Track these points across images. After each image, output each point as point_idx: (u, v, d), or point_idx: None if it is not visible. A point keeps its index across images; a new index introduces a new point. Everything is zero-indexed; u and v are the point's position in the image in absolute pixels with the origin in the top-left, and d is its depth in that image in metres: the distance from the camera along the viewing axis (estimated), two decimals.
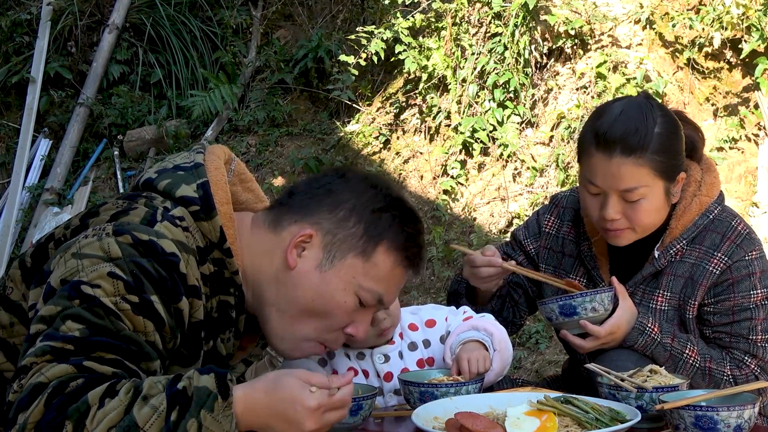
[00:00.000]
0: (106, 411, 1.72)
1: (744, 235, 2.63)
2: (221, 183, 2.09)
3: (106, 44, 7.02)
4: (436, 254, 5.84)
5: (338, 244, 2.06)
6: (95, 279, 1.85)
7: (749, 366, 2.61)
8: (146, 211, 1.98)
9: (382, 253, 2.07)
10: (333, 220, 2.07)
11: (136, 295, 1.86)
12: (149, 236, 1.91)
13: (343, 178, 2.13)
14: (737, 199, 5.78)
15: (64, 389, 1.74)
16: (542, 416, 1.99)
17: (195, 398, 1.76)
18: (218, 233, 2.03)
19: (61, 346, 1.79)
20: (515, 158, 6.15)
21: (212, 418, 1.76)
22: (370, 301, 2.09)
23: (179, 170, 2.08)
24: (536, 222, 2.89)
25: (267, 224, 2.12)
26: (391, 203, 2.11)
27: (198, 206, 2.03)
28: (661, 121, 2.55)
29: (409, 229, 2.11)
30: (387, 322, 2.41)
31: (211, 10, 7.23)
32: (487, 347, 2.40)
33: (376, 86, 6.75)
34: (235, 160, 2.24)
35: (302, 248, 2.07)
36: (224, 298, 2.07)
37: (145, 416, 1.73)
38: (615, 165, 2.50)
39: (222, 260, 2.05)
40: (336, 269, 2.06)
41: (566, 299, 2.51)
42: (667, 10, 6.30)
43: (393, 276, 2.10)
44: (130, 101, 6.88)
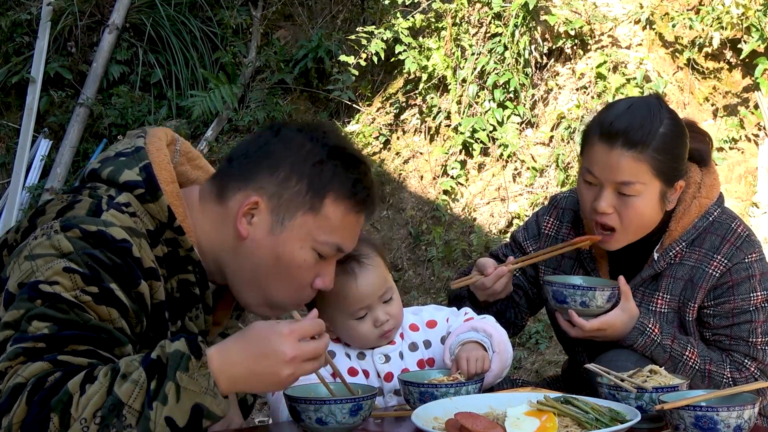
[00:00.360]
0: (89, 396, 1.74)
1: (744, 238, 2.63)
2: (164, 163, 2.08)
3: (106, 44, 7.02)
4: (436, 254, 5.84)
5: (285, 205, 2.06)
6: (52, 276, 1.85)
7: (749, 369, 2.61)
8: (91, 202, 1.99)
9: (331, 205, 2.06)
10: (275, 182, 2.06)
11: (94, 285, 1.87)
12: (97, 227, 1.92)
13: (278, 136, 2.11)
14: (737, 199, 5.78)
15: (44, 384, 1.75)
16: (542, 416, 1.99)
17: (170, 363, 1.80)
18: (166, 213, 2.03)
19: (33, 345, 1.79)
20: (515, 158, 6.15)
21: (188, 378, 1.79)
22: (329, 253, 2.09)
23: (121, 156, 2.08)
24: (535, 223, 2.89)
25: (214, 196, 2.12)
26: (330, 153, 2.09)
27: (143, 189, 2.03)
28: (668, 122, 2.55)
29: (353, 175, 2.09)
30: (389, 323, 2.41)
31: (211, 10, 7.22)
32: (486, 348, 2.40)
33: (376, 86, 6.74)
34: (180, 140, 2.23)
35: (251, 216, 2.06)
36: (183, 276, 2.07)
37: (126, 392, 1.75)
38: (615, 156, 2.51)
39: (175, 239, 2.05)
40: (288, 230, 2.06)
41: (559, 287, 2.54)
42: (667, 11, 6.30)
43: (346, 224, 2.09)
44: (130, 101, 6.88)
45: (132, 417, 1.75)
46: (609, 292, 2.54)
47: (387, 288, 2.41)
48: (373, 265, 2.40)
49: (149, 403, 1.76)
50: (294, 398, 2.09)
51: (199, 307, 2.12)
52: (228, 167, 2.13)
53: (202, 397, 1.81)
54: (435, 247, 5.87)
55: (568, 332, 2.59)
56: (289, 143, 2.09)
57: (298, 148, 2.08)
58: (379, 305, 2.40)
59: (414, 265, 5.97)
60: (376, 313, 2.39)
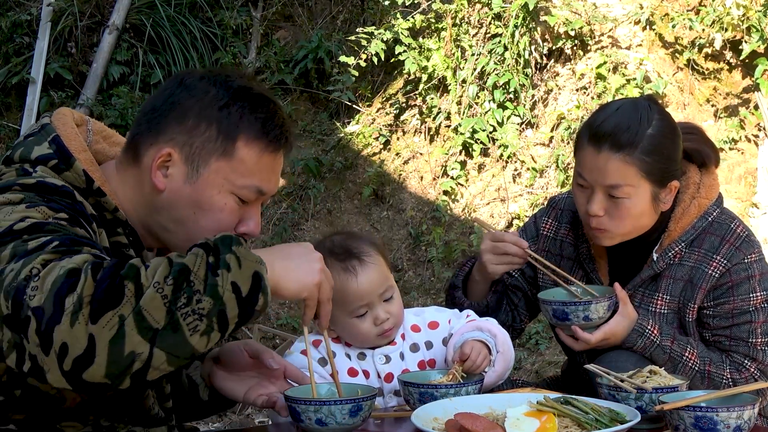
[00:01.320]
0: (154, 266, 1.74)
1: (743, 238, 2.62)
2: (72, 135, 2.06)
3: (106, 45, 7.02)
4: (436, 255, 5.84)
5: (198, 153, 2.03)
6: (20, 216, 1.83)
7: (749, 369, 2.61)
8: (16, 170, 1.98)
9: (243, 147, 2.04)
10: (185, 131, 2.04)
11: (62, 212, 1.87)
12: (35, 179, 1.92)
13: (182, 86, 2.08)
14: (737, 199, 5.78)
15: (102, 264, 1.73)
16: (542, 417, 1.99)
17: (221, 243, 1.82)
18: (83, 177, 2.01)
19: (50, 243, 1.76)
20: (515, 159, 6.15)
21: (245, 250, 1.82)
22: (250, 197, 2.07)
23: (29, 137, 2.07)
24: (534, 225, 2.89)
25: (129, 159, 2.10)
26: (235, 95, 2.06)
27: (56, 159, 2.01)
28: (657, 124, 2.54)
29: (261, 114, 2.06)
30: (389, 322, 2.41)
31: (211, 10, 7.23)
32: (490, 348, 2.40)
33: (376, 87, 6.75)
34: (90, 120, 2.21)
35: (165, 168, 2.04)
36: (115, 239, 2.05)
37: (190, 260, 1.77)
38: (602, 159, 2.51)
39: (98, 203, 2.03)
40: (204, 177, 2.03)
41: (558, 305, 2.53)
42: (667, 11, 6.30)
43: (263, 165, 2.06)
44: (130, 102, 6.88)
45: (199, 283, 1.74)
46: (608, 302, 2.54)
47: (387, 286, 2.42)
48: (374, 263, 2.40)
49: (213, 271, 1.76)
50: (293, 399, 2.09)
51: None
52: (137, 127, 2.11)
53: (260, 267, 1.82)
54: (435, 247, 5.87)
55: (572, 347, 2.58)
56: (193, 90, 2.06)
57: (203, 95, 2.05)
58: (380, 303, 2.40)
59: (414, 265, 5.97)
60: (376, 311, 2.39)
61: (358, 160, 6.44)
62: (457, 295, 2.81)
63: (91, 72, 6.99)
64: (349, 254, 2.39)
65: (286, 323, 5.69)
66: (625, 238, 2.61)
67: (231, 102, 2.05)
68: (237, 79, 2.10)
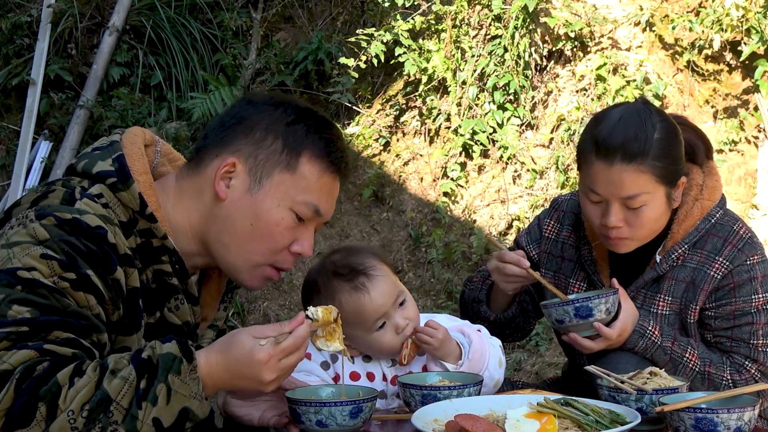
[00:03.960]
0: (78, 388, 1.76)
1: (746, 240, 2.62)
2: (137, 155, 2.10)
3: (106, 46, 7.02)
4: (436, 256, 5.84)
5: (262, 164, 2.08)
6: (29, 263, 1.86)
7: (749, 371, 2.61)
8: (64, 191, 2.00)
9: (307, 163, 2.09)
10: (251, 142, 2.09)
11: (72, 271, 1.88)
12: (72, 214, 1.94)
13: (250, 104, 2.15)
14: (737, 201, 5.78)
15: (32, 373, 1.76)
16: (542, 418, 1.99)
17: (161, 364, 1.82)
18: (138, 200, 2.04)
19: (16, 329, 1.80)
20: (515, 160, 6.15)
21: (180, 381, 1.82)
22: (307, 214, 2.10)
23: (96, 150, 2.12)
24: (537, 227, 2.89)
25: (191, 170, 2.14)
26: (302, 114, 2.13)
27: (115, 178, 2.04)
28: (661, 126, 2.54)
29: (327, 135, 2.12)
30: (409, 327, 2.40)
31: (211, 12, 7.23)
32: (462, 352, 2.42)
33: (376, 88, 6.75)
34: (160, 141, 2.25)
35: (228, 178, 2.08)
36: (158, 267, 2.08)
37: (116, 388, 1.77)
38: (616, 173, 2.49)
39: (148, 229, 2.06)
40: (266, 189, 2.07)
41: (583, 301, 2.50)
42: (666, 13, 6.30)
43: (323, 184, 2.11)
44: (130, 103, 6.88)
45: (119, 414, 1.77)
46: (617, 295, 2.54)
47: (399, 292, 2.41)
48: (381, 274, 2.38)
49: (138, 402, 1.78)
50: (294, 400, 2.09)
51: (179, 298, 2.12)
52: (203, 140, 2.16)
53: (191, 401, 1.84)
54: (435, 249, 5.87)
55: (591, 348, 2.55)
56: (261, 107, 2.13)
57: (271, 111, 2.12)
58: (396, 311, 2.39)
59: (414, 267, 5.97)
60: (395, 320, 2.38)
61: (358, 161, 6.44)
62: (482, 309, 2.81)
63: (91, 73, 6.99)
64: (354, 272, 2.36)
65: None
66: (643, 242, 2.61)
67: (298, 119, 2.11)
68: (302, 103, 2.18)
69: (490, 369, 2.43)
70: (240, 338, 1.90)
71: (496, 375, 2.45)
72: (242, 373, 1.90)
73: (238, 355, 1.89)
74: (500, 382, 2.49)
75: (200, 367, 1.87)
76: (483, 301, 2.83)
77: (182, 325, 2.14)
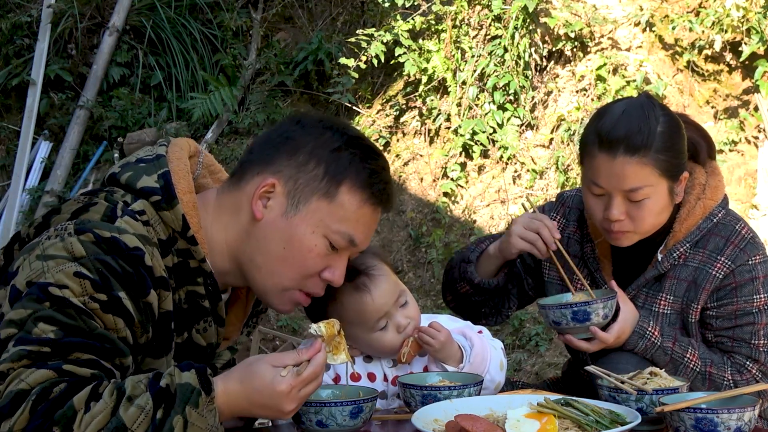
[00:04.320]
0: (93, 414, 1.74)
1: (748, 240, 2.62)
2: (183, 173, 2.08)
3: (106, 46, 7.02)
4: (436, 256, 5.84)
5: (301, 189, 2.05)
6: (62, 280, 1.85)
7: (750, 371, 2.61)
8: (106, 206, 1.98)
9: (346, 193, 2.06)
10: (293, 165, 2.06)
11: (103, 293, 1.86)
12: (111, 233, 1.92)
13: (299, 124, 2.12)
14: (737, 201, 5.78)
15: (48, 395, 1.75)
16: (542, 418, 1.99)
17: (179, 395, 1.80)
18: (180, 222, 2.02)
19: (37, 349, 1.79)
20: (515, 160, 6.15)
21: (197, 414, 1.80)
22: (341, 243, 2.08)
23: (141, 162, 2.08)
24: None
25: (232, 185, 2.12)
26: (349, 141, 2.09)
27: (159, 196, 2.02)
28: (664, 120, 2.54)
29: (371, 166, 2.08)
30: (410, 326, 2.40)
31: (211, 12, 7.23)
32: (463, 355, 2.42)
33: (376, 89, 6.75)
34: (203, 152, 2.23)
35: (267, 198, 2.06)
36: (192, 288, 2.07)
37: (132, 416, 1.75)
38: (619, 165, 2.49)
39: (187, 250, 2.04)
40: (302, 214, 2.05)
41: (581, 305, 2.49)
42: (666, 13, 6.31)
43: (361, 215, 2.08)
44: (130, 103, 6.89)
45: None
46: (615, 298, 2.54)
47: (400, 292, 2.41)
48: (382, 273, 2.38)
49: None
50: None
51: (208, 320, 2.11)
52: (248, 155, 2.14)
53: None
54: (435, 249, 5.87)
55: (588, 349, 2.56)
56: (309, 129, 2.10)
57: (319, 135, 2.09)
58: (397, 311, 2.39)
59: (414, 267, 5.97)
60: (396, 319, 2.38)
61: None
62: (469, 269, 2.79)
63: (91, 73, 7.00)
64: (356, 272, 2.35)
65: (286, 324, 5.69)
66: (644, 236, 2.61)
67: (344, 147, 2.07)
68: (352, 129, 2.14)
69: (491, 372, 2.43)
70: (260, 368, 1.88)
71: (497, 378, 2.45)
72: (263, 403, 1.88)
73: (258, 385, 1.87)
74: (501, 385, 2.49)
75: (218, 396, 1.85)
76: (472, 262, 2.80)
77: (206, 346, 2.13)
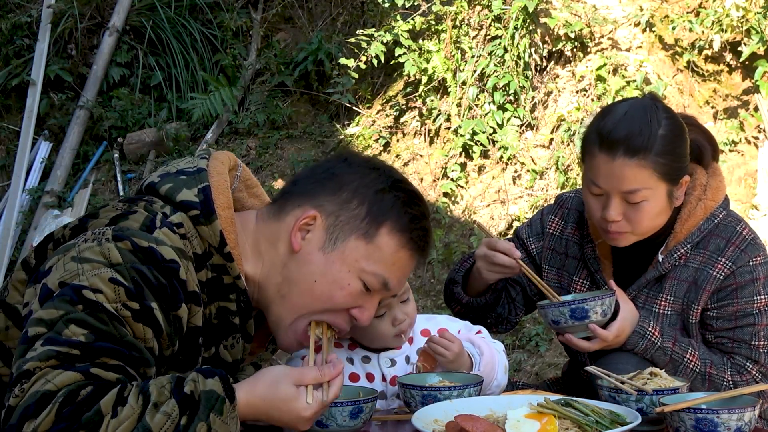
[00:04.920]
0: (120, 420, 1.74)
1: (749, 241, 2.62)
2: (223, 188, 2.08)
3: (106, 47, 7.02)
4: (436, 257, 5.84)
5: (341, 226, 2.05)
6: (97, 284, 1.84)
7: (750, 372, 2.61)
8: (145, 216, 1.98)
9: (386, 235, 2.06)
10: (336, 201, 2.07)
11: (136, 302, 1.86)
12: (149, 243, 1.91)
13: (345, 162, 2.13)
14: (737, 201, 5.78)
15: (75, 398, 1.74)
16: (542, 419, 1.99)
17: (203, 402, 1.80)
18: (218, 237, 2.02)
19: (67, 350, 1.78)
20: (515, 161, 6.15)
21: (221, 421, 1.81)
22: (375, 285, 2.08)
23: (182, 175, 2.08)
24: (540, 222, 2.88)
25: (272, 214, 2.12)
26: (394, 184, 2.09)
27: (198, 210, 2.02)
28: (666, 123, 2.53)
29: (412, 211, 2.09)
30: (406, 323, 2.41)
31: (211, 12, 7.23)
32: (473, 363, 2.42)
33: (376, 89, 6.75)
34: (242, 166, 2.23)
35: (306, 231, 2.06)
36: (224, 304, 2.07)
37: (158, 423, 1.75)
38: (618, 166, 2.49)
39: (223, 266, 2.04)
40: (339, 251, 2.05)
41: (579, 303, 2.50)
42: (666, 13, 6.31)
43: (397, 259, 2.08)
44: (130, 104, 6.89)
45: None
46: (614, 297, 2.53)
47: (405, 288, 2.42)
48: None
49: None
50: None
51: (237, 336, 2.11)
52: (291, 187, 2.14)
53: None
54: (435, 249, 5.87)
55: (587, 349, 2.55)
56: (356, 168, 2.10)
57: (364, 175, 2.09)
58: (398, 305, 2.40)
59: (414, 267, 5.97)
60: (394, 312, 2.39)
61: None
62: (456, 290, 2.80)
63: (91, 74, 7.00)
64: None
65: None
66: (641, 237, 2.61)
67: (388, 189, 2.08)
68: (396, 173, 2.15)
69: (498, 378, 2.44)
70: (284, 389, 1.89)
71: (503, 382, 2.46)
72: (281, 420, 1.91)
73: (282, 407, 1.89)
74: (503, 386, 2.49)
75: (239, 407, 1.86)
76: (459, 283, 2.81)
77: (232, 362, 2.13)
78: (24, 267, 2.04)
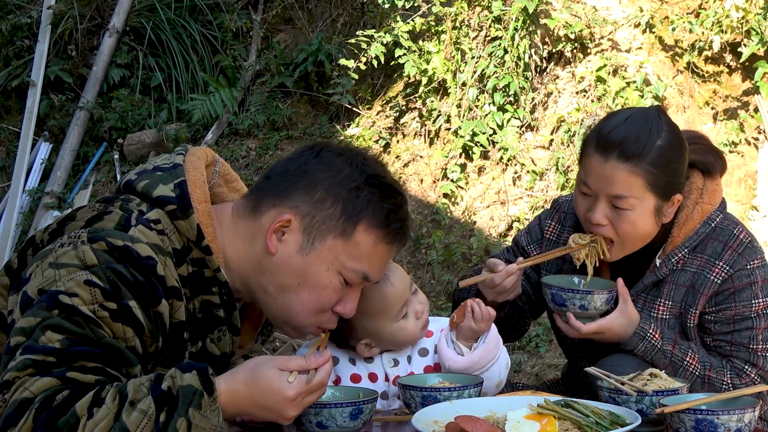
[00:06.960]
0: (96, 421, 1.75)
1: (746, 244, 2.62)
2: (199, 182, 2.08)
3: (106, 48, 7.02)
4: (437, 258, 5.84)
5: (317, 227, 2.06)
6: (72, 288, 1.85)
7: (749, 375, 2.61)
8: (120, 215, 1.98)
9: (363, 232, 2.06)
10: (310, 202, 2.07)
11: (113, 301, 1.87)
12: (124, 241, 1.92)
13: (318, 158, 2.11)
14: (737, 202, 5.78)
15: (51, 403, 1.75)
16: (542, 420, 2.00)
17: (181, 397, 1.80)
18: (195, 231, 2.03)
19: (42, 358, 1.79)
20: (515, 162, 6.15)
21: (200, 415, 1.81)
22: (355, 280, 2.10)
23: (158, 171, 2.09)
24: (538, 227, 2.88)
25: (247, 211, 2.12)
26: (368, 180, 2.09)
27: (175, 205, 2.03)
28: (666, 135, 2.53)
29: (388, 205, 2.09)
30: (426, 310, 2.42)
31: (212, 13, 7.23)
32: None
33: (376, 90, 6.75)
34: (220, 161, 2.24)
35: (282, 233, 2.07)
36: (207, 297, 2.07)
37: (135, 421, 1.76)
38: (609, 168, 2.50)
39: (202, 259, 2.05)
40: (317, 252, 2.06)
41: (557, 290, 2.55)
42: (666, 14, 6.31)
43: (376, 253, 2.09)
44: (130, 105, 6.89)
45: None
46: (607, 295, 2.54)
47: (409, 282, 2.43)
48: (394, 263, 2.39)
49: None
50: None
51: (223, 329, 2.11)
52: (265, 183, 2.13)
53: None
54: (435, 250, 5.87)
55: (567, 333, 2.59)
56: (328, 165, 2.09)
57: (337, 172, 2.08)
58: (412, 298, 2.40)
59: (414, 268, 5.97)
60: (413, 305, 2.39)
61: None
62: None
63: (91, 75, 7.00)
64: None
65: None
66: (627, 253, 2.61)
67: (362, 186, 2.08)
68: (372, 165, 2.13)
69: (500, 362, 2.44)
70: (266, 371, 1.89)
71: (502, 374, 2.46)
72: (266, 406, 1.90)
73: (264, 388, 1.88)
74: (503, 383, 2.49)
75: (220, 395, 1.86)
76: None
77: (221, 355, 2.14)
78: (7, 272, 2.05)
